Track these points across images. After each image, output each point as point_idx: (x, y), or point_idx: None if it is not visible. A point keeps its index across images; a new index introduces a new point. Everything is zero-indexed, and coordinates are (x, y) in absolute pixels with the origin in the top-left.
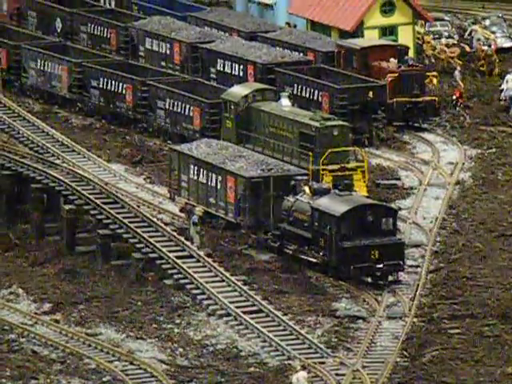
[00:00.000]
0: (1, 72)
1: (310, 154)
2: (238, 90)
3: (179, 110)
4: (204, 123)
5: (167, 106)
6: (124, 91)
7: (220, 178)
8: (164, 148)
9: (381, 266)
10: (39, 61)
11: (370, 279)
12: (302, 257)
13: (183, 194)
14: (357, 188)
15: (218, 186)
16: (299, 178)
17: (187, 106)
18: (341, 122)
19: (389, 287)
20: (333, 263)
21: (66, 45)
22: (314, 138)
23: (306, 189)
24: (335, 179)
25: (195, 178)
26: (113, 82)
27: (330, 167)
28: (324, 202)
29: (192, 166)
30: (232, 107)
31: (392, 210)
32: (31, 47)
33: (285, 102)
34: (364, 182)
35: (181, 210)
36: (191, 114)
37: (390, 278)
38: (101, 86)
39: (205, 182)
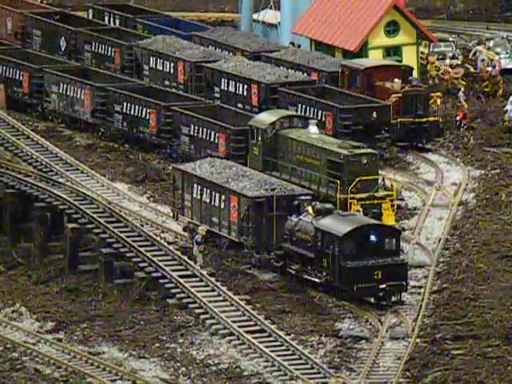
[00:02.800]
0: (4, 87)
1: (338, 182)
2: (266, 117)
3: (204, 137)
4: (229, 150)
5: (191, 132)
6: (148, 116)
7: (223, 197)
8: (167, 167)
9: (384, 286)
10: (61, 85)
11: (373, 300)
12: (306, 277)
13: (186, 214)
14: (385, 217)
15: (222, 206)
16: (302, 197)
17: (212, 133)
18: (369, 150)
19: (392, 308)
20: (336, 283)
21: (88, 69)
22: (342, 166)
23: (309, 209)
24: (363, 208)
25: (198, 197)
26: (136, 107)
27: (359, 196)
28: (327, 222)
29: (195, 185)
30: (259, 134)
31: (395, 230)
32: (53, 71)
33: (313, 129)
34: (392, 210)
35: (184, 229)
36: (216, 140)
37: (394, 299)
38: (124, 110)
39: (208, 201)
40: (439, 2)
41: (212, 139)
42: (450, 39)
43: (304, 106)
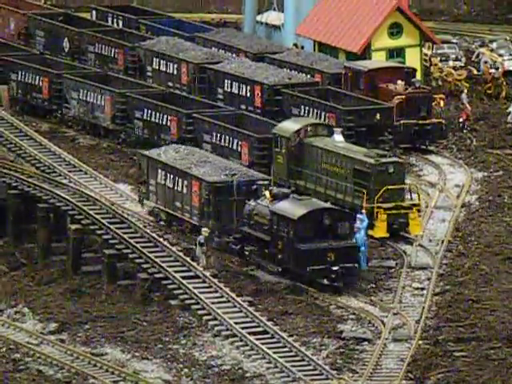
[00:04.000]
0: (9, 90)
1: (364, 191)
2: (290, 125)
3: (226, 145)
4: (253, 158)
5: (214, 140)
6: (168, 123)
7: (185, 182)
8: None
9: (336, 268)
10: (81, 91)
11: (325, 281)
12: (261, 260)
13: (151, 198)
14: (412, 227)
15: (184, 191)
16: (260, 182)
17: (235, 141)
18: (396, 159)
19: (345, 290)
20: (290, 265)
21: (108, 74)
22: (369, 175)
23: (267, 193)
24: (390, 218)
25: (162, 182)
26: (157, 114)
27: (385, 205)
28: (282, 206)
29: (159, 171)
30: (283, 142)
31: (349, 214)
32: (73, 77)
33: (338, 137)
34: (419, 220)
35: (149, 213)
36: (239, 148)
37: (345, 281)
38: (145, 117)
39: (171, 186)
40: (442, 4)
41: (235, 147)
42: (453, 41)
43: (307, 108)
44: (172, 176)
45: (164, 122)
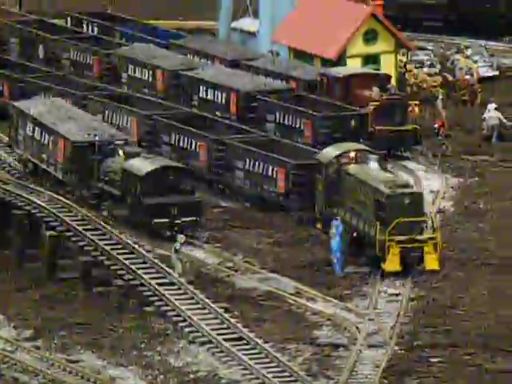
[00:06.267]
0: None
1: (377, 223)
2: (331, 151)
3: (261, 172)
4: (289, 186)
5: (247, 167)
6: (197, 149)
7: (51, 137)
8: None
9: (179, 221)
10: (106, 112)
11: (169, 233)
12: (113, 213)
13: (20, 148)
14: (427, 262)
15: (49, 145)
16: (117, 142)
17: (270, 167)
18: (414, 190)
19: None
20: (136, 218)
21: (131, 95)
22: (384, 206)
23: (121, 152)
24: (403, 252)
25: (30, 134)
26: (185, 139)
27: (398, 238)
28: (132, 163)
29: (28, 123)
30: (322, 169)
31: (191, 171)
32: (96, 97)
33: (373, 164)
34: (436, 255)
35: (18, 161)
36: (274, 175)
37: (188, 233)
38: (172, 142)
39: (38, 139)
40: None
41: (270, 174)
42: (428, 47)
43: (282, 114)
44: (39, 129)
45: (193, 148)
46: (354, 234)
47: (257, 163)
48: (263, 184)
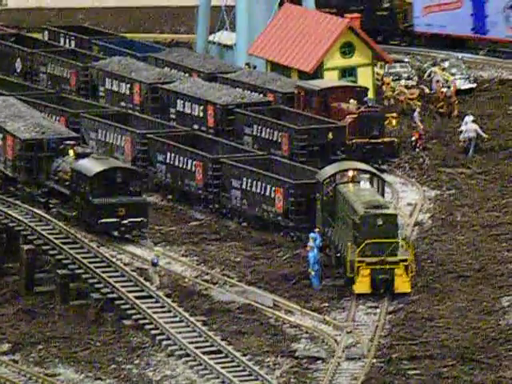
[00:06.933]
0: None
1: (348, 243)
2: (329, 170)
3: (259, 191)
4: (288, 205)
5: (244, 186)
6: (193, 168)
7: (1, 135)
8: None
9: (126, 222)
10: (100, 131)
11: (116, 233)
12: (62, 211)
13: None
14: (398, 284)
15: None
16: (68, 142)
17: (268, 187)
18: (388, 211)
19: (136, 240)
20: (84, 218)
21: (128, 113)
22: (358, 227)
23: (71, 152)
24: (373, 273)
25: None
26: (181, 158)
27: (368, 260)
28: (82, 164)
29: None
30: (319, 188)
31: (139, 173)
32: (91, 116)
33: (364, 184)
34: (408, 278)
35: None
36: (272, 195)
37: (135, 233)
38: (167, 161)
39: None
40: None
41: (267, 194)
42: (405, 60)
43: (260, 127)
44: None
45: (189, 167)
46: (338, 254)
47: (254, 183)
48: (261, 204)
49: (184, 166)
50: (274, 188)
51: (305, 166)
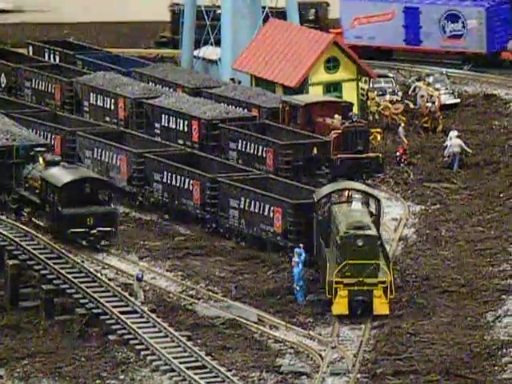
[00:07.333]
0: None
1: (328, 264)
2: (324, 189)
3: (257, 211)
4: (287, 226)
5: (242, 206)
6: (191, 187)
7: None
8: None
9: (95, 231)
10: (95, 149)
11: (85, 243)
12: (33, 220)
13: None
14: (376, 306)
15: None
16: (38, 149)
17: (266, 206)
18: (369, 232)
19: (104, 250)
20: (54, 227)
21: (123, 131)
22: (338, 247)
23: (41, 159)
24: (351, 294)
25: None
26: (178, 177)
27: (346, 281)
28: (51, 173)
29: None
30: (316, 208)
31: (108, 183)
32: (86, 134)
33: (356, 204)
34: (386, 300)
35: None
36: (271, 215)
37: (103, 243)
38: (164, 180)
39: None
40: None
41: (266, 214)
42: (390, 75)
43: (244, 143)
44: None
45: (186, 186)
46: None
47: (253, 202)
48: (260, 223)
49: (181, 185)
50: (272, 208)
51: (304, 185)
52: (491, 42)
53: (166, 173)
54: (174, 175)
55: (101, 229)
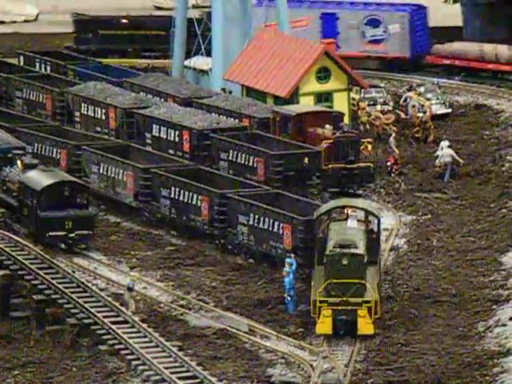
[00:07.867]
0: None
1: (313, 283)
2: (324, 206)
3: (266, 227)
4: (296, 242)
5: (251, 222)
6: (199, 203)
7: None
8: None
9: (73, 235)
10: (102, 164)
11: (63, 246)
12: (12, 224)
13: None
14: (361, 326)
15: None
16: (16, 151)
17: (276, 223)
18: (354, 251)
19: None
20: (32, 231)
21: (129, 145)
22: (325, 265)
23: (19, 162)
24: (335, 314)
25: None
26: (185, 193)
27: (330, 300)
28: (29, 176)
29: None
30: (316, 224)
31: (85, 187)
32: (92, 149)
33: (351, 222)
34: (371, 319)
35: None
36: (280, 231)
37: (83, 246)
38: (172, 195)
39: None
40: None
41: (275, 230)
42: (381, 85)
43: (235, 153)
44: None
45: (194, 202)
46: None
47: (262, 219)
48: (270, 240)
49: (189, 201)
50: (282, 224)
51: (312, 201)
52: (414, 46)
53: (173, 188)
54: (181, 191)
55: (79, 232)
